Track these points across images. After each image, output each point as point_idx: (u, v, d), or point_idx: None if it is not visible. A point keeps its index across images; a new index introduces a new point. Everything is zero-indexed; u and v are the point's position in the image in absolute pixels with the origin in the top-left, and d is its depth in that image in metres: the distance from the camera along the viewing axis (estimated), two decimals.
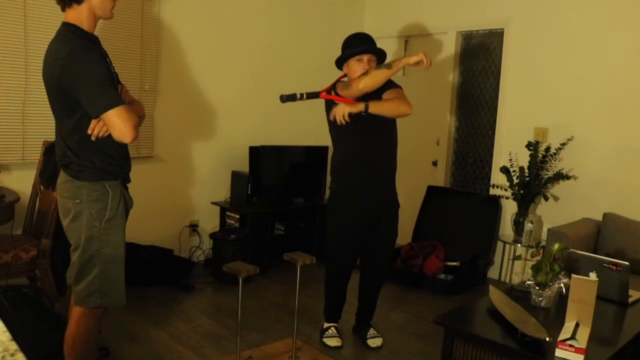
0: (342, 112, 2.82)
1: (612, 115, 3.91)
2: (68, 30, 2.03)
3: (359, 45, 3.02)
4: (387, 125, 3.05)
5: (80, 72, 1.95)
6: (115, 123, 1.95)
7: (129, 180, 2.28)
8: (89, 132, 2.04)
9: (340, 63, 3.10)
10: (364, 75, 2.92)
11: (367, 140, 3.03)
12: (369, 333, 3.25)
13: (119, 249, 2.17)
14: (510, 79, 4.46)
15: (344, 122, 2.83)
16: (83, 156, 2.08)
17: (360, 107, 2.82)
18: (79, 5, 2.03)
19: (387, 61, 3.04)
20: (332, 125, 3.06)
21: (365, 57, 2.99)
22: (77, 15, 2.04)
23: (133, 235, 3.90)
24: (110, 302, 2.20)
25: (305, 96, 2.95)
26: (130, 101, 2.18)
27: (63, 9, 2.06)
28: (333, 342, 3.19)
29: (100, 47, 2.13)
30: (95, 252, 2.12)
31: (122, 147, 2.18)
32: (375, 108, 2.85)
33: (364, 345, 3.21)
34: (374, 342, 3.21)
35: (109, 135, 2.02)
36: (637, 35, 3.77)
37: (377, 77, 2.89)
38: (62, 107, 2.07)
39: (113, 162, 2.14)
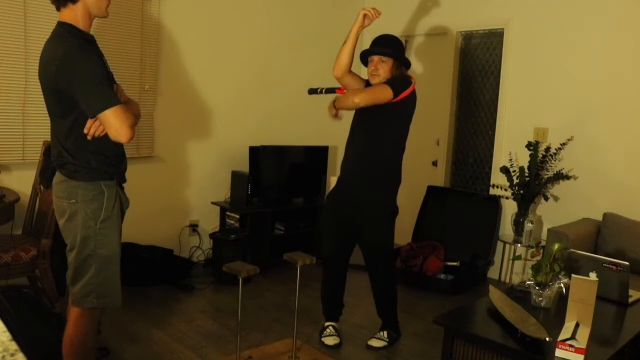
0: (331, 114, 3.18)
1: (612, 115, 3.91)
2: (64, 30, 2.02)
3: (371, 46, 3.09)
4: (379, 129, 3.03)
5: (77, 72, 1.95)
6: (112, 123, 1.95)
7: (124, 180, 2.27)
8: (85, 131, 2.03)
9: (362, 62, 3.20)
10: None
11: (356, 140, 3.12)
12: (377, 334, 3.26)
13: (114, 249, 2.17)
14: (510, 79, 4.46)
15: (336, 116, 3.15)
16: (79, 156, 2.07)
17: (331, 107, 3.09)
18: (74, 5, 2.02)
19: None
20: None
21: (375, 58, 3.03)
22: (73, 15, 2.03)
23: (133, 235, 3.92)
24: (107, 303, 2.19)
25: (324, 91, 3.15)
26: (125, 101, 2.18)
27: (58, 9, 2.05)
28: (330, 340, 3.20)
29: (96, 47, 2.12)
30: (91, 253, 2.11)
31: (118, 147, 2.17)
32: (339, 105, 3.05)
33: (364, 345, 3.22)
34: (373, 342, 3.21)
35: (105, 135, 2.01)
36: (637, 35, 3.77)
37: (338, 55, 3.05)
38: (58, 107, 2.06)
39: (109, 162, 2.13)
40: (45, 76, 2.04)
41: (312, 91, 3.21)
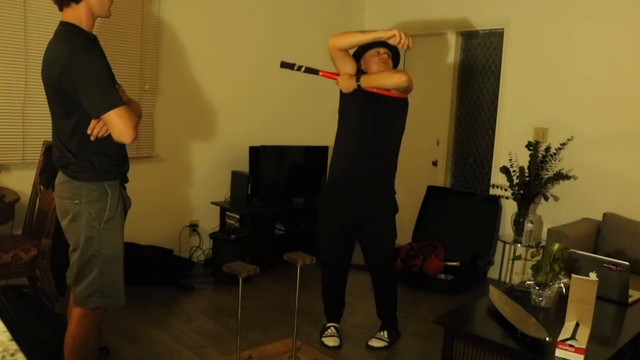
0: (342, 86, 2.91)
1: (612, 115, 3.91)
2: (67, 30, 2.03)
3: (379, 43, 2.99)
4: (391, 123, 3.02)
5: (81, 72, 1.95)
6: (115, 123, 1.95)
7: (127, 180, 2.28)
8: (89, 132, 2.03)
9: (358, 59, 3.05)
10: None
11: (366, 136, 2.98)
12: (377, 334, 3.25)
13: (118, 249, 2.17)
14: (510, 79, 4.46)
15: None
16: (82, 157, 2.07)
17: (353, 84, 2.86)
18: (77, 5, 2.02)
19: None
20: (340, 116, 3.09)
21: (382, 50, 2.97)
22: (76, 15, 2.04)
23: (133, 235, 3.91)
24: (110, 303, 2.19)
25: (303, 69, 2.94)
26: (127, 101, 2.18)
27: (61, 9, 2.06)
28: (330, 341, 3.19)
29: (99, 47, 2.13)
30: (94, 253, 2.11)
31: (121, 147, 2.18)
32: (366, 82, 2.85)
33: (366, 346, 3.21)
34: (374, 342, 3.20)
35: (108, 136, 2.02)
36: (637, 34, 3.77)
37: (346, 34, 2.85)
38: (61, 107, 2.07)
39: (112, 162, 2.14)
40: (49, 76, 2.04)
41: (286, 65, 2.94)
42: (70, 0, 2.01)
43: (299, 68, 2.92)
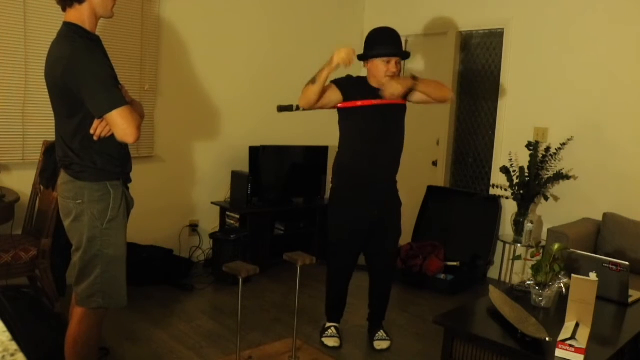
0: (393, 90, 2.89)
1: (612, 114, 3.91)
2: (70, 30, 2.03)
3: (388, 44, 2.99)
4: (398, 125, 3.05)
5: (84, 72, 1.95)
6: (118, 123, 1.95)
7: (130, 181, 2.28)
8: (92, 132, 2.04)
9: (365, 57, 3.06)
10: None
11: (376, 139, 3.00)
12: (377, 335, 3.24)
13: (120, 249, 2.17)
14: (510, 79, 4.46)
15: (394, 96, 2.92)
16: (85, 157, 2.07)
17: (408, 83, 2.92)
18: (80, 5, 2.03)
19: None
20: (342, 121, 3.09)
21: (393, 60, 2.97)
22: (79, 15, 2.04)
23: (133, 235, 3.88)
24: (112, 303, 2.20)
25: (302, 108, 2.98)
26: (129, 101, 2.18)
27: (64, 9, 2.06)
28: (331, 342, 3.19)
29: (102, 47, 2.13)
30: (97, 253, 2.12)
31: (124, 147, 2.18)
32: (421, 86, 2.94)
33: (366, 346, 3.21)
34: (380, 344, 3.19)
35: (111, 136, 2.02)
36: (637, 34, 3.77)
37: (306, 94, 2.91)
38: (64, 107, 2.07)
39: (115, 162, 2.14)
40: (52, 76, 2.04)
41: (284, 109, 2.93)
42: (74, 1, 2.02)
43: (297, 108, 2.96)
